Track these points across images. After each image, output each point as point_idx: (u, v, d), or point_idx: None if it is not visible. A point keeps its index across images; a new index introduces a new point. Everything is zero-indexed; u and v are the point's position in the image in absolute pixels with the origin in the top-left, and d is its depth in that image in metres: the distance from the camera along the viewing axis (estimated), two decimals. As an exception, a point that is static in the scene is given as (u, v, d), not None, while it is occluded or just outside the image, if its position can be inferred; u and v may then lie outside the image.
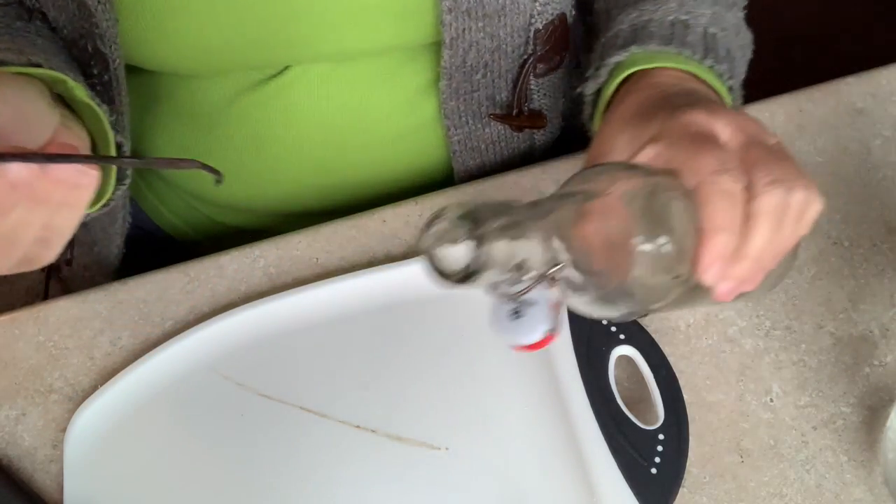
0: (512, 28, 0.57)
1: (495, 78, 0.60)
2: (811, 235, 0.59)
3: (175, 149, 0.65)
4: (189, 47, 0.55)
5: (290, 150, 0.63)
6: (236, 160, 0.64)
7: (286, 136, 0.62)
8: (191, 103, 0.62)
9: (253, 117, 0.61)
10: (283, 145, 0.62)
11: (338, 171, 0.64)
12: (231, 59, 0.57)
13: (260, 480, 0.52)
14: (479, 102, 0.61)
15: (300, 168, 0.64)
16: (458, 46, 0.56)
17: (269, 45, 0.56)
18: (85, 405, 0.54)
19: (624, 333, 0.53)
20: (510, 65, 0.59)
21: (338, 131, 0.62)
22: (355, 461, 0.52)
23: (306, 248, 0.61)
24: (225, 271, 0.60)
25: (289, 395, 0.54)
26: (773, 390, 0.54)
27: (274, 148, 0.62)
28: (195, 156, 0.63)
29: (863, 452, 0.52)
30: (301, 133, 0.62)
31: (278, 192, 0.66)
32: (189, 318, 0.58)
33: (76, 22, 0.52)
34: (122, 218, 0.65)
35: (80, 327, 0.58)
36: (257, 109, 0.61)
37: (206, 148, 0.64)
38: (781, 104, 0.65)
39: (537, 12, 0.57)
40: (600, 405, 0.51)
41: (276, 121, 0.61)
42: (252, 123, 0.61)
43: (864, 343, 0.55)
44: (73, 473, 0.52)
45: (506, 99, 0.62)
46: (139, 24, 0.53)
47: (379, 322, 0.57)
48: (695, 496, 0.51)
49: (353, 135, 0.62)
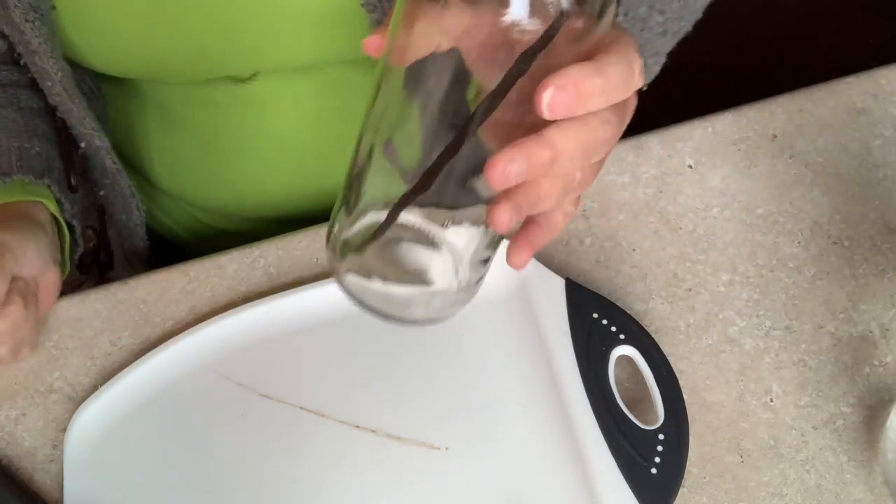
0: None
1: None
2: (811, 235, 0.59)
3: (162, 154, 0.65)
4: (135, 60, 0.55)
5: (270, 155, 0.63)
6: (219, 164, 0.64)
7: (264, 141, 0.62)
8: (172, 109, 0.63)
9: (231, 123, 0.61)
10: (263, 150, 0.63)
11: (319, 175, 0.64)
12: (182, 68, 0.57)
13: (260, 480, 0.52)
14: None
15: (282, 172, 0.64)
16: None
17: (219, 56, 0.55)
18: (85, 405, 0.54)
19: (624, 333, 0.53)
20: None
21: (315, 136, 0.62)
22: (355, 461, 0.52)
23: (306, 248, 0.61)
24: (225, 271, 0.60)
25: (289, 395, 0.54)
26: (773, 390, 0.54)
27: (254, 152, 0.63)
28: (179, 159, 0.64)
29: (863, 452, 0.52)
30: (278, 138, 0.62)
31: (262, 196, 0.66)
32: (189, 318, 0.58)
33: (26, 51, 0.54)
34: (135, 208, 0.66)
35: (80, 327, 0.58)
36: (234, 115, 0.61)
37: (189, 152, 0.64)
38: (781, 104, 0.65)
39: None
40: (600, 405, 0.51)
41: (252, 126, 0.61)
42: (231, 129, 0.62)
43: (864, 343, 0.55)
44: (73, 473, 0.52)
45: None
46: (84, 36, 0.54)
47: (379, 322, 0.56)
48: (695, 496, 0.51)
49: (331, 139, 0.62)
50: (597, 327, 0.54)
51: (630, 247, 0.59)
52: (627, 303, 0.57)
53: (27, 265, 0.53)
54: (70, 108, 0.57)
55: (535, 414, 0.52)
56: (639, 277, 0.58)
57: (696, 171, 0.62)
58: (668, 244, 0.59)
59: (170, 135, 0.64)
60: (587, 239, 0.60)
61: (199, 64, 0.56)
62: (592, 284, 0.57)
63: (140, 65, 0.56)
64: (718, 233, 0.59)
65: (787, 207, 0.60)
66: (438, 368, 0.55)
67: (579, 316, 0.54)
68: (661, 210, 0.61)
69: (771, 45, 1.71)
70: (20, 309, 0.52)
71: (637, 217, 0.60)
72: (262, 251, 0.61)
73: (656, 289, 0.58)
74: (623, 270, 0.58)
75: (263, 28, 0.53)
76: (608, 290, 0.57)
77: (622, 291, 0.58)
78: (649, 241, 0.59)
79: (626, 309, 0.54)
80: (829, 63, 1.54)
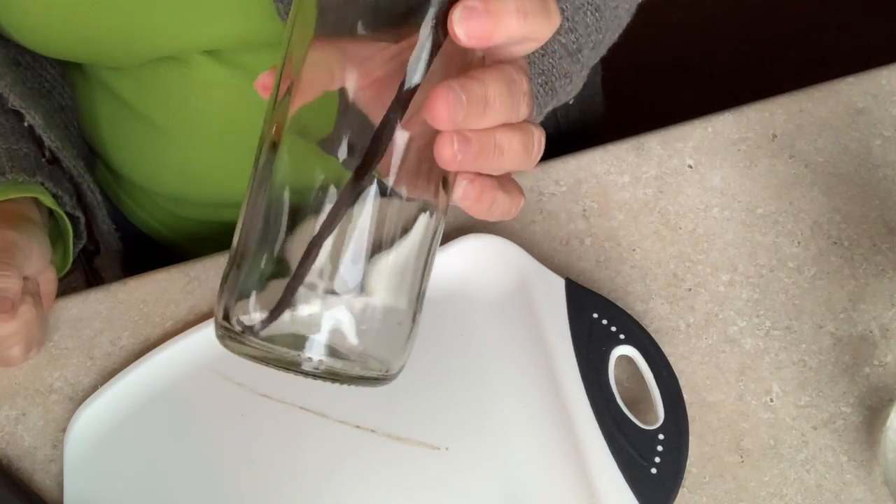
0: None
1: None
2: (811, 235, 0.59)
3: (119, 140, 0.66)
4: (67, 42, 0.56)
5: (220, 138, 0.63)
6: (173, 150, 0.64)
7: (213, 125, 0.62)
8: (123, 94, 0.63)
9: (180, 107, 0.62)
10: (213, 134, 0.63)
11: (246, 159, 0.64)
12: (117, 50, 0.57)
13: (260, 480, 0.52)
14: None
15: (232, 155, 0.64)
16: None
17: (145, 35, 0.55)
18: (85, 405, 0.54)
19: (624, 333, 0.53)
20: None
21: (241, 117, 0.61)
22: (355, 461, 0.52)
23: (306, 248, 0.61)
24: (225, 271, 0.60)
25: (289, 395, 0.54)
26: (773, 390, 0.54)
27: (204, 136, 0.63)
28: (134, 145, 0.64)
29: (863, 452, 0.52)
30: (227, 121, 0.62)
31: (215, 182, 0.66)
32: (189, 318, 0.58)
33: None
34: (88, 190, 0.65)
35: (80, 327, 0.58)
36: (183, 99, 0.61)
37: (143, 137, 0.65)
38: (781, 104, 0.65)
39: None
40: (600, 405, 0.51)
41: (201, 110, 0.61)
42: (180, 113, 0.62)
43: (864, 343, 0.55)
44: (73, 473, 0.52)
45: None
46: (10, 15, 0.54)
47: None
48: (695, 496, 0.51)
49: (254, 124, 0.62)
50: (597, 327, 0.54)
51: (630, 247, 0.59)
52: (627, 303, 0.57)
53: (33, 264, 0.53)
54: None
55: (535, 414, 0.52)
56: (639, 277, 0.58)
57: (696, 171, 0.62)
58: (668, 244, 0.59)
59: (123, 120, 0.65)
60: (587, 239, 0.60)
61: (127, 44, 0.56)
62: (592, 284, 0.57)
63: (70, 46, 0.57)
64: (718, 233, 0.59)
65: (787, 207, 0.60)
66: (438, 368, 0.55)
67: (579, 316, 0.54)
68: (661, 210, 0.61)
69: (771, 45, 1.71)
70: (32, 308, 0.52)
71: (637, 217, 0.60)
72: (262, 251, 0.61)
73: (656, 289, 0.58)
74: (623, 270, 0.58)
75: (183, 6, 0.53)
76: (608, 290, 0.57)
77: (622, 291, 0.58)
78: (649, 241, 0.59)
79: (626, 309, 0.54)
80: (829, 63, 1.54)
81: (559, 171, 0.63)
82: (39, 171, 0.56)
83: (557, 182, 0.62)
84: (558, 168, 0.63)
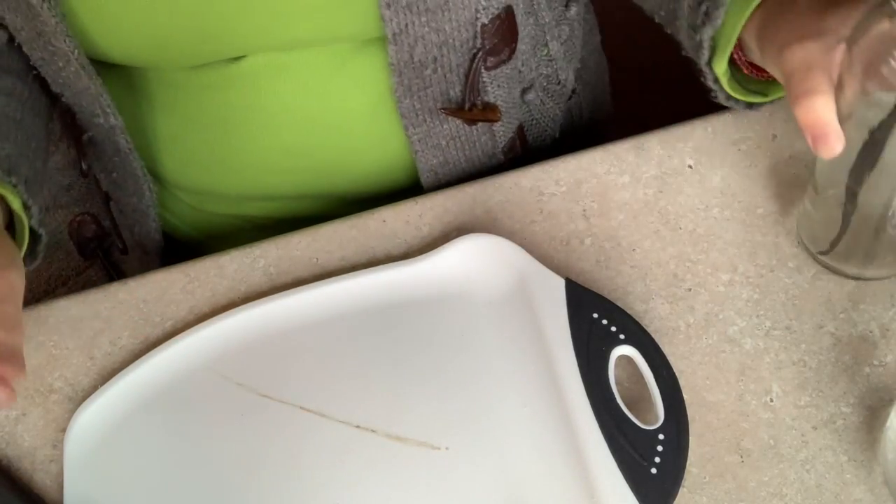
0: (458, 22, 0.57)
1: (446, 73, 0.60)
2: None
3: (151, 135, 0.66)
4: (136, 43, 0.56)
5: (257, 133, 0.63)
6: (208, 145, 0.64)
7: (251, 120, 0.63)
8: (164, 94, 0.63)
9: (218, 102, 0.62)
10: (250, 129, 0.63)
11: (305, 153, 0.65)
12: (182, 51, 0.57)
13: (260, 480, 0.52)
14: (433, 98, 0.61)
15: (268, 151, 0.64)
16: (402, 42, 0.56)
17: (218, 37, 0.56)
18: (85, 405, 0.54)
19: (624, 333, 0.53)
20: (460, 59, 0.59)
21: (301, 113, 0.62)
22: (355, 461, 0.52)
23: (306, 248, 0.61)
24: (225, 271, 0.60)
25: (289, 395, 0.54)
26: (773, 390, 0.54)
27: (241, 131, 0.63)
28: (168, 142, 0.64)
29: (863, 452, 0.52)
30: (265, 116, 0.62)
31: (249, 176, 0.66)
32: (189, 318, 0.58)
33: (30, 22, 0.54)
34: (147, 189, 0.66)
35: (80, 327, 0.59)
36: (221, 94, 0.62)
37: (178, 133, 0.65)
38: (781, 104, 0.64)
39: (482, 7, 0.57)
40: (600, 405, 0.51)
41: (239, 105, 0.62)
42: (218, 108, 0.62)
43: (864, 343, 0.55)
44: (73, 473, 0.52)
45: (459, 94, 0.62)
46: (88, 20, 0.54)
47: (379, 322, 0.57)
48: (695, 496, 0.51)
49: (317, 117, 0.63)
50: (597, 327, 0.54)
51: (630, 247, 0.59)
52: (627, 303, 0.57)
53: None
54: (87, 86, 0.57)
55: (535, 414, 0.52)
56: (639, 277, 0.58)
57: (696, 171, 0.62)
58: (668, 244, 0.59)
59: (164, 120, 0.65)
60: (587, 239, 0.60)
61: (198, 46, 0.57)
62: (592, 284, 0.57)
63: (140, 49, 0.57)
64: (718, 233, 0.59)
65: (787, 207, 0.60)
66: (438, 368, 0.55)
67: (579, 316, 0.54)
68: (661, 210, 0.61)
69: (771, 45, 1.70)
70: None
71: (637, 217, 0.60)
72: (261, 251, 0.61)
73: (656, 289, 0.58)
74: (623, 270, 0.58)
75: (264, 8, 0.54)
76: (608, 290, 0.57)
77: (622, 291, 0.58)
78: (649, 241, 0.59)
79: (626, 309, 0.54)
80: (829, 63, 1.54)
81: (559, 171, 0.63)
82: (15, 174, 0.54)
83: (557, 182, 0.62)
84: (558, 168, 0.63)
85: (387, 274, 0.57)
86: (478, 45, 0.59)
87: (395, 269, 0.58)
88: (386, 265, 0.58)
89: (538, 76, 0.68)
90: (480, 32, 0.58)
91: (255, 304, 0.57)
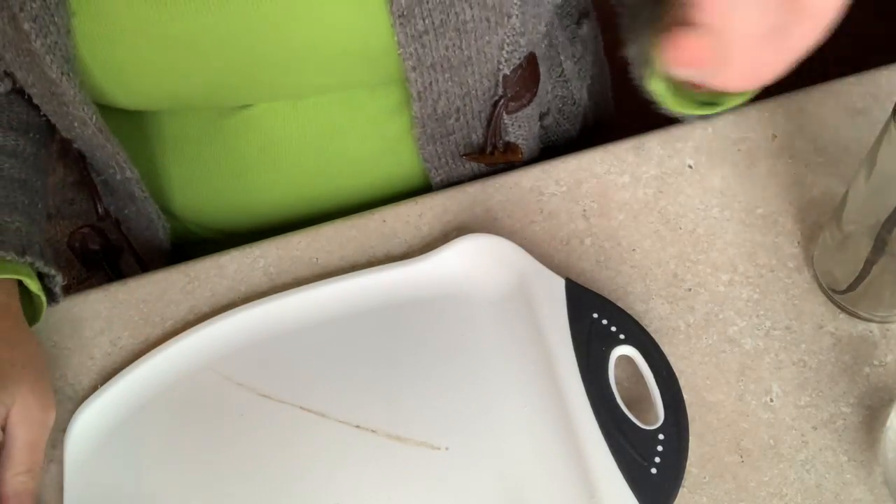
0: (480, 75, 0.57)
1: (469, 120, 0.60)
2: (811, 235, 0.59)
3: (165, 177, 0.66)
4: (153, 98, 0.56)
5: (271, 176, 0.63)
6: (221, 186, 0.64)
7: (265, 163, 0.62)
8: (173, 133, 0.63)
9: (231, 146, 0.62)
10: (264, 171, 0.63)
11: (321, 196, 0.65)
12: (196, 102, 0.58)
13: (260, 480, 0.52)
14: (455, 144, 0.62)
15: (283, 194, 0.64)
16: (426, 98, 0.56)
17: (232, 89, 0.56)
18: (85, 405, 0.54)
19: (624, 333, 0.53)
20: (482, 106, 0.59)
21: (317, 156, 0.62)
22: (355, 461, 0.52)
23: (306, 248, 0.61)
24: (225, 271, 0.60)
25: (289, 395, 0.54)
26: (773, 390, 0.54)
27: (254, 174, 0.63)
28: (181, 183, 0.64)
29: (863, 452, 0.52)
30: (279, 159, 0.62)
31: (265, 215, 0.66)
32: (189, 318, 0.58)
33: (44, 84, 0.54)
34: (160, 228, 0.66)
35: (80, 327, 0.58)
36: (233, 138, 0.61)
37: (191, 175, 0.64)
38: (781, 104, 0.65)
39: (504, 59, 0.57)
40: (600, 405, 0.51)
41: (252, 148, 0.62)
42: (230, 151, 0.62)
43: (864, 343, 0.55)
44: (73, 473, 0.52)
45: (481, 138, 0.62)
46: (105, 81, 0.54)
47: (379, 322, 0.57)
48: (695, 496, 0.51)
49: (330, 158, 0.62)
50: (597, 327, 0.54)
51: (630, 247, 0.59)
52: (627, 303, 0.57)
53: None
54: (104, 145, 0.57)
55: (535, 414, 0.52)
56: (639, 277, 0.58)
57: (696, 171, 0.62)
58: (668, 244, 0.59)
59: (178, 162, 0.64)
60: (587, 239, 0.60)
61: (211, 98, 0.57)
62: (592, 284, 0.57)
63: (155, 101, 0.57)
64: (718, 233, 0.59)
65: (787, 207, 0.60)
66: (439, 368, 0.55)
67: (579, 316, 0.54)
68: (661, 210, 0.61)
69: (771, 45, 1.70)
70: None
71: (637, 217, 0.60)
72: (262, 251, 0.61)
73: (656, 289, 0.58)
74: (623, 270, 0.58)
75: (287, 62, 0.54)
76: (608, 290, 0.57)
77: (622, 291, 0.58)
78: (649, 241, 0.59)
79: (626, 309, 0.54)
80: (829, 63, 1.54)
81: (559, 171, 0.63)
82: (29, 250, 0.54)
83: (557, 182, 0.62)
84: (558, 168, 0.63)
85: (387, 274, 0.57)
86: (500, 92, 0.59)
87: (394, 269, 0.58)
88: (386, 265, 0.58)
89: (553, 98, 0.68)
90: (503, 82, 0.58)
91: (255, 304, 0.57)
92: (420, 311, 0.56)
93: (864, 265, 0.51)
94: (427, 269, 0.57)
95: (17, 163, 0.58)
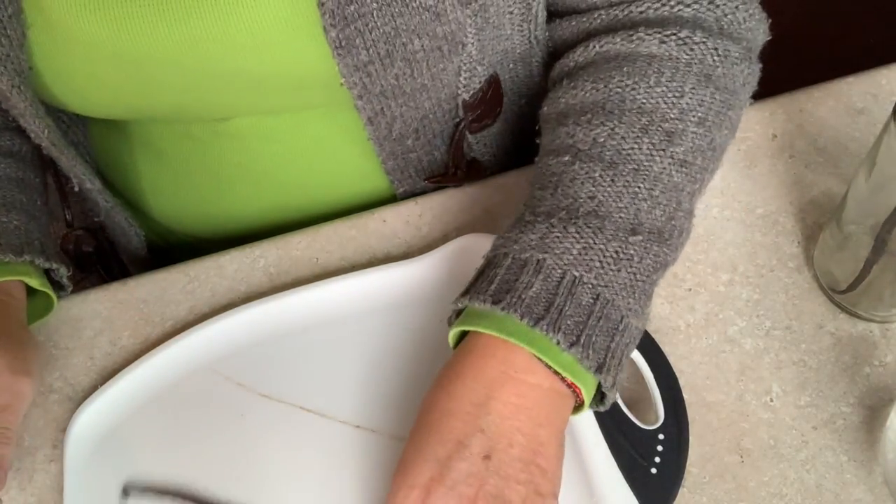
0: (438, 100, 0.56)
1: (430, 139, 0.59)
2: (811, 235, 0.59)
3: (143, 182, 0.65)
4: (110, 108, 0.56)
5: (248, 189, 0.63)
6: (199, 196, 0.64)
7: (241, 177, 0.62)
8: (152, 143, 0.63)
9: (206, 156, 0.61)
10: (241, 184, 0.63)
11: (298, 208, 0.64)
12: (158, 115, 0.57)
13: (260, 480, 0.52)
14: (418, 160, 0.61)
15: (260, 207, 0.64)
16: (379, 122, 0.56)
17: (196, 108, 0.56)
18: (85, 405, 0.54)
19: (624, 333, 0.53)
20: (442, 127, 0.59)
21: (290, 168, 0.62)
22: (355, 461, 0.52)
23: (306, 248, 0.61)
24: (225, 271, 0.60)
25: (289, 395, 0.54)
26: (773, 390, 0.54)
27: (231, 186, 0.63)
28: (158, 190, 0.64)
29: (863, 452, 0.52)
30: (255, 174, 0.62)
31: (243, 223, 0.66)
32: (189, 318, 0.58)
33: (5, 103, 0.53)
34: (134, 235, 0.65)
35: (80, 327, 0.58)
36: (209, 148, 0.61)
37: (168, 182, 0.64)
38: (781, 104, 0.65)
39: (463, 85, 0.56)
40: (600, 405, 0.51)
41: (229, 161, 0.61)
42: (206, 162, 0.62)
43: (864, 343, 0.55)
44: (73, 473, 0.52)
45: (444, 155, 0.61)
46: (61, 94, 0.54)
47: (379, 322, 0.57)
48: (695, 496, 0.51)
49: (306, 171, 0.62)
50: (597, 327, 0.53)
51: (630, 247, 0.59)
52: (627, 303, 0.57)
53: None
54: (58, 157, 0.57)
55: (535, 414, 0.52)
56: (639, 277, 0.58)
57: (696, 171, 0.62)
58: (668, 244, 0.59)
59: (151, 167, 0.64)
60: (587, 239, 0.60)
61: (176, 114, 0.57)
62: (592, 284, 0.57)
63: (120, 113, 0.57)
64: (718, 233, 0.59)
65: (787, 207, 0.60)
66: (439, 368, 0.54)
67: (579, 316, 0.54)
68: (661, 210, 0.61)
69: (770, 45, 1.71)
70: None
71: (637, 217, 0.60)
72: (262, 251, 0.61)
73: (656, 289, 0.58)
74: (623, 270, 0.58)
75: (239, 88, 0.53)
76: (608, 290, 0.57)
77: (622, 291, 0.58)
78: (649, 241, 0.59)
79: (626, 309, 0.54)
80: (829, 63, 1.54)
81: (559, 171, 0.62)
82: (28, 248, 0.54)
83: (557, 182, 0.62)
84: (558, 168, 0.63)
85: (387, 274, 0.57)
86: (460, 115, 0.58)
87: (395, 269, 0.57)
88: (386, 265, 0.58)
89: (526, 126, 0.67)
90: (462, 106, 0.58)
91: (255, 304, 0.57)
92: (420, 311, 0.56)
93: (864, 265, 0.51)
94: (427, 269, 0.57)
95: (14, 162, 0.58)
